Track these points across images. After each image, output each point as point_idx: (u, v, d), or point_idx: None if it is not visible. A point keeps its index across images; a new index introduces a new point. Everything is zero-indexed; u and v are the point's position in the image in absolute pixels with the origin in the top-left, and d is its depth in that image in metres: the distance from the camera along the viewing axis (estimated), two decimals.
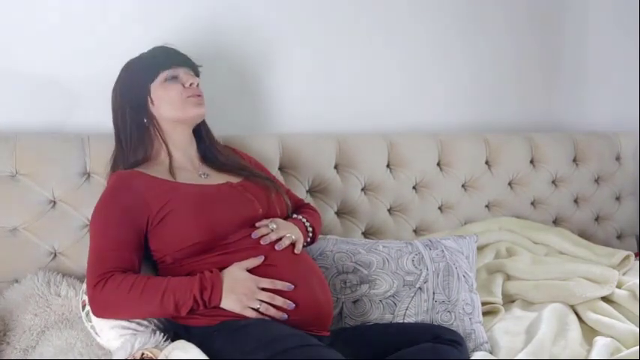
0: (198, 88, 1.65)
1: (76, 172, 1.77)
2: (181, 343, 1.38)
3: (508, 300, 1.97)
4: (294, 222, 1.65)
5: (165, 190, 1.54)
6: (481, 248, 2.19)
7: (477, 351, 1.65)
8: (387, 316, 1.67)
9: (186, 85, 1.63)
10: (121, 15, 1.92)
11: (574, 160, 2.62)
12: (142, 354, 1.34)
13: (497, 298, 1.92)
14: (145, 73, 1.63)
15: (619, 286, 1.97)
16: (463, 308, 1.71)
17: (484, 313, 1.81)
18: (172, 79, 1.62)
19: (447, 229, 2.31)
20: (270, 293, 1.44)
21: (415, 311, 1.68)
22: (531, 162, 2.53)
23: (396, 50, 2.39)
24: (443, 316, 1.69)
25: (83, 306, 1.55)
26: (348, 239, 1.81)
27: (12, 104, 1.82)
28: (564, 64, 2.77)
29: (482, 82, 2.59)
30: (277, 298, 1.44)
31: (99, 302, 1.43)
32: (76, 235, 1.76)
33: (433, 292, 1.70)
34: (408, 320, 1.67)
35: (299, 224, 1.65)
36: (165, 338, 1.42)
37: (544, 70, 2.73)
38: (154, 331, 1.46)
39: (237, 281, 1.44)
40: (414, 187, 2.30)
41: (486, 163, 2.43)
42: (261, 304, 1.43)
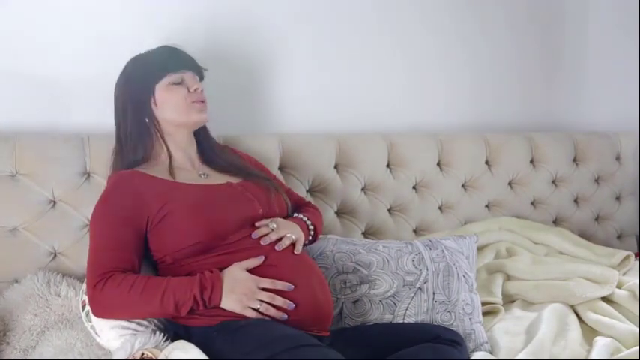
0: (203, 94, 1.65)
1: (76, 172, 1.77)
2: (181, 343, 1.38)
3: (508, 300, 1.97)
4: (295, 221, 1.65)
5: (166, 190, 1.54)
6: (481, 248, 2.18)
7: (477, 351, 1.65)
8: (387, 316, 1.67)
9: (191, 89, 1.62)
10: (121, 15, 1.92)
11: (574, 160, 2.62)
12: (142, 354, 1.34)
13: (498, 298, 1.92)
14: (151, 73, 1.62)
15: (619, 286, 1.97)
16: (463, 308, 1.71)
17: (484, 313, 1.81)
18: (178, 83, 1.62)
19: (447, 229, 2.31)
20: (270, 293, 1.44)
21: (415, 311, 1.68)
22: (531, 162, 2.52)
23: (396, 50, 2.39)
24: (443, 316, 1.69)
25: (83, 306, 1.55)
26: (348, 239, 1.81)
27: (12, 104, 1.82)
28: (564, 64, 2.77)
29: (482, 82, 2.58)
30: (277, 298, 1.44)
31: (99, 302, 1.43)
32: (76, 235, 1.76)
33: (433, 292, 1.70)
34: (408, 320, 1.67)
35: (300, 223, 1.65)
36: (165, 338, 1.42)
37: (544, 70, 2.73)
38: (154, 331, 1.46)
39: (237, 281, 1.44)
40: (414, 187, 2.30)
41: (486, 163, 2.43)
42: (261, 304, 1.43)
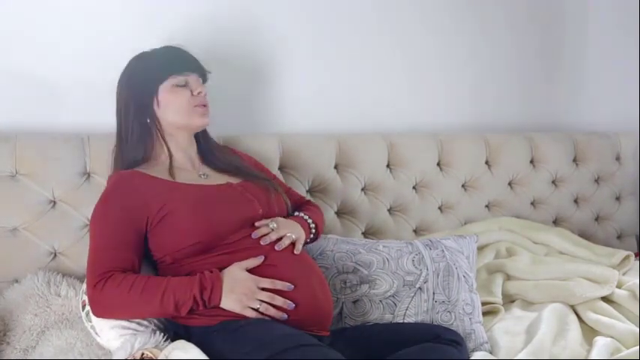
0: (205, 98, 1.65)
1: (76, 172, 1.77)
2: (181, 343, 1.38)
3: (508, 300, 1.97)
4: (296, 220, 1.65)
5: (165, 190, 1.54)
6: (481, 248, 2.18)
7: (477, 351, 1.65)
8: (387, 316, 1.67)
9: (195, 92, 1.62)
10: (121, 15, 1.92)
11: (574, 160, 2.62)
12: (142, 354, 1.34)
13: (498, 298, 1.92)
14: (156, 73, 1.61)
15: (619, 286, 1.97)
16: (463, 308, 1.71)
17: (484, 313, 1.81)
18: (182, 85, 1.62)
19: (447, 229, 2.31)
20: (270, 293, 1.44)
21: (415, 311, 1.68)
22: (531, 162, 2.52)
23: (396, 50, 2.39)
24: (443, 316, 1.69)
25: (83, 306, 1.55)
26: (348, 239, 1.81)
27: (12, 104, 1.82)
28: (564, 64, 2.77)
29: (482, 82, 2.58)
30: (277, 298, 1.44)
31: (99, 302, 1.43)
32: (76, 235, 1.76)
33: (433, 292, 1.70)
34: (408, 320, 1.67)
35: (301, 222, 1.65)
36: (165, 338, 1.42)
37: (544, 70, 2.73)
38: (154, 331, 1.46)
39: (237, 281, 1.44)
40: (414, 187, 2.30)
41: (486, 163, 2.43)
42: (261, 304, 1.43)
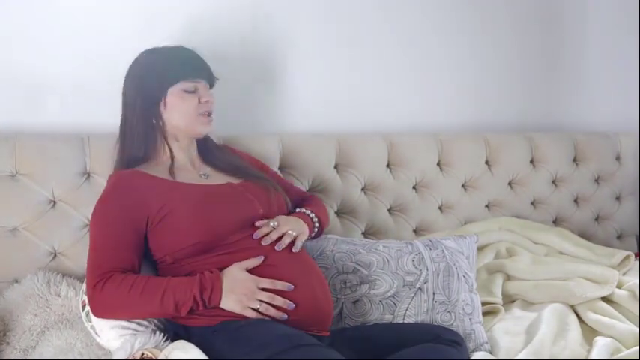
0: (211, 106, 1.65)
1: (76, 172, 1.77)
2: (181, 343, 1.39)
3: (508, 300, 1.97)
4: (298, 216, 1.66)
5: (166, 189, 1.54)
6: (481, 248, 2.18)
7: (477, 351, 1.65)
8: (387, 317, 1.67)
9: (202, 100, 1.62)
10: (122, 15, 1.91)
11: (574, 160, 2.62)
12: (142, 354, 1.34)
13: (498, 298, 1.92)
14: (167, 75, 1.60)
15: (619, 286, 1.97)
16: (463, 308, 1.71)
17: (484, 313, 1.81)
18: (191, 91, 1.61)
19: (447, 229, 2.31)
20: (270, 293, 1.44)
21: (415, 311, 1.68)
22: (531, 162, 2.52)
23: (396, 51, 2.38)
24: (443, 317, 1.69)
25: (83, 306, 1.55)
26: (348, 239, 1.81)
27: (12, 104, 1.82)
28: (564, 64, 2.77)
29: (482, 82, 2.58)
30: (277, 298, 1.44)
31: (99, 302, 1.43)
32: (76, 235, 1.76)
33: (433, 293, 1.70)
34: (408, 320, 1.67)
35: (303, 217, 1.66)
36: (165, 338, 1.42)
37: (544, 70, 2.72)
38: (154, 331, 1.47)
39: (237, 281, 1.44)
40: (414, 187, 2.30)
41: (486, 163, 2.43)
42: (261, 304, 1.43)
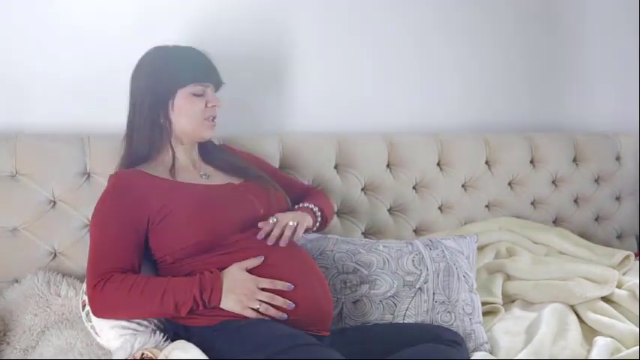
0: (217, 111, 1.65)
1: (76, 172, 1.77)
2: (181, 343, 1.39)
3: (508, 300, 1.97)
4: (300, 210, 1.67)
5: (166, 189, 1.54)
6: (481, 248, 2.18)
7: (477, 351, 1.65)
8: (387, 317, 1.67)
9: (209, 104, 1.63)
10: (123, 16, 1.91)
11: (574, 160, 2.62)
12: (142, 354, 1.34)
13: (498, 298, 1.92)
14: (177, 76, 1.60)
15: (619, 286, 1.97)
16: (463, 308, 1.71)
17: (484, 313, 1.81)
18: (199, 95, 1.61)
19: (447, 229, 2.31)
20: (270, 293, 1.44)
21: (415, 312, 1.68)
22: (531, 162, 2.52)
23: (396, 51, 2.38)
24: (443, 317, 1.69)
25: (83, 306, 1.55)
26: (348, 239, 1.81)
27: (12, 104, 1.82)
28: (564, 64, 2.77)
29: (481, 83, 2.58)
30: (277, 298, 1.44)
31: (99, 302, 1.43)
32: (76, 235, 1.76)
33: (433, 293, 1.70)
34: (408, 321, 1.67)
35: (302, 210, 1.67)
36: (165, 338, 1.42)
37: (544, 70, 2.72)
38: (154, 331, 1.47)
39: (237, 281, 1.44)
40: (414, 187, 2.30)
41: (486, 163, 2.43)
42: (261, 304, 1.43)
